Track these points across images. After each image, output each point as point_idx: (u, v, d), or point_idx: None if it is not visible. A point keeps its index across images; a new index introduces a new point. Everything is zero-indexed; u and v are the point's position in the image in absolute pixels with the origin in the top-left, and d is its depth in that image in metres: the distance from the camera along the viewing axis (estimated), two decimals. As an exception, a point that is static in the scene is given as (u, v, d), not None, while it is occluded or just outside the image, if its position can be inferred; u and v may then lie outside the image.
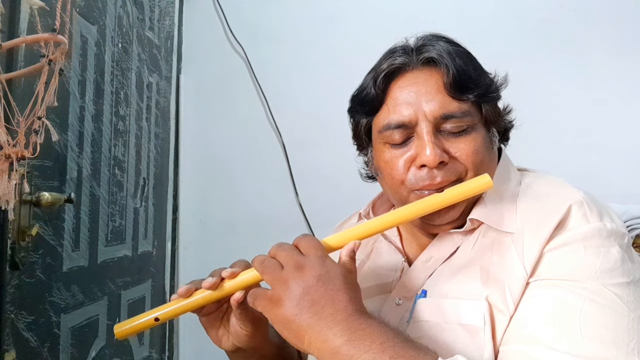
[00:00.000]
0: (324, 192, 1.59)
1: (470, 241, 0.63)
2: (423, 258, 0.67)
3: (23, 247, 0.87)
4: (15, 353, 0.85)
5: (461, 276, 0.61)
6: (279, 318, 0.52)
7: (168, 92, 1.67)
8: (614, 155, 1.47)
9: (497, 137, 0.69)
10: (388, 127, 0.64)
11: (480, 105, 0.65)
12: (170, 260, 1.66)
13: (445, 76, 0.62)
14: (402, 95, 0.64)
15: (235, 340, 0.64)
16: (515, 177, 0.67)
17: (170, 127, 1.69)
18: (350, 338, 0.49)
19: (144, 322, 0.60)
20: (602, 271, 0.53)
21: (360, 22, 1.65)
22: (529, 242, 0.58)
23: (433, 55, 0.63)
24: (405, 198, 0.64)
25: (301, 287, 0.52)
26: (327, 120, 1.61)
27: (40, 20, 0.81)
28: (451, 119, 0.62)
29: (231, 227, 1.67)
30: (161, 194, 1.61)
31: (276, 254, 0.56)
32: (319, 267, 0.53)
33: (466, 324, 0.56)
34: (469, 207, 0.64)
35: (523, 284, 0.56)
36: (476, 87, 0.63)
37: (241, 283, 0.59)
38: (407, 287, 0.66)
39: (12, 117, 0.72)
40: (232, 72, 1.72)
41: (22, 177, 0.81)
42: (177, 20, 1.74)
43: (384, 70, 0.65)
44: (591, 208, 0.58)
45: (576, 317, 0.51)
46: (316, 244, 0.56)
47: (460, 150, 0.62)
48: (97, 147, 1.16)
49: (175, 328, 1.67)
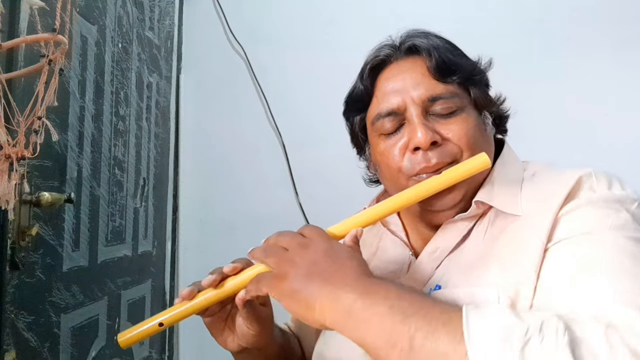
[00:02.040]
0: (324, 192, 1.59)
1: (480, 231, 0.63)
2: (429, 249, 0.66)
3: (23, 247, 0.87)
4: (15, 353, 0.85)
5: (478, 266, 0.60)
6: (286, 291, 0.51)
7: (168, 92, 1.67)
8: (614, 155, 1.46)
9: (490, 121, 0.69)
10: (379, 116, 0.66)
11: (468, 89, 0.66)
12: (170, 260, 1.66)
13: (429, 61, 0.64)
14: (389, 85, 0.66)
15: (241, 340, 0.64)
16: (518, 165, 0.68)
17: (170, 127, 1.69)
18: (363, 292, 0.47)
19: (148, 329, 0.59)
20: (616, 226, 0.53)
21: (360, 23, 1.65)
22: (539, 215, 0.58)
23: (415, 43, 0.66)
24: (405, 186, 0.64)
25: (308, 260, 0.51)
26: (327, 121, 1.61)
27: (40, 20, 0.81)
28: (439, 100, 0.63)
29: (231, 227, 1.67)
30: (161, 194, 1.61)
31: (277, 240, 0.56)
32: (324, 243, 0.53)
33: None
34: (470, 192, 0.64)
35: (541, 253, 0.55)
36: (459, 70, 0.65)
37: (245, 280, 0.58)
38: (415, 279, 0.65)
39: (12, 117, 0.72)
40: (232, 72, 1.72)
41: (22, 177, 0.80)
42: (177, 20, 1.74)
43: (368, 64, 0.68)
44: (599, 179, 0.59)
45: (599, 263, 0.50)
46: (319, 230, 0.57)
47: (452, 131, 0.63)
48: (97, 147, 1.16)
49: (175, 328, 1.67)
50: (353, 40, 1.63)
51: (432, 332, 0.43)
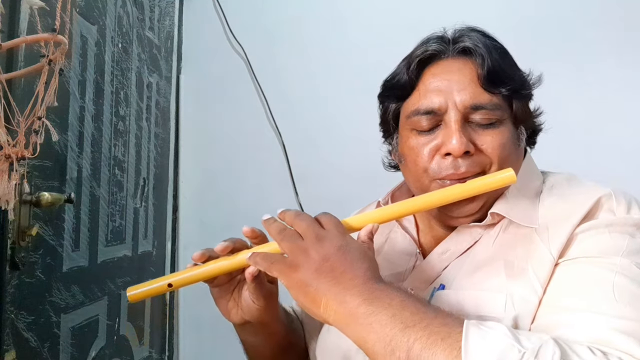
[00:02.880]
0: (324, 192, 1.59)
1: (491, 236, 0.63)
2: (439, 250, 0.66)
3: (23, 247, 0.87)
4: (15, 353, 0.85)
5: (483, 270, 0.60)
6: (295, 282, 0.52)
7: (168, 92, 1.67)
8: (614, 155, 1.47)
9: (525, 136, 0.68)
10: (417, 112, 0.64)
11: (512, 101, 0.64)
12: (170, 260, 1.66)
13: (480, 67, 0.62)
14: (435, 83, 0.64)
15: (245, 314, 0.64)
16: (538, 177, 0.67)
17: (170, 127, 1.69)
18: (368, 297, 0.48)
19: (157, 287, 0.60)
20: (630, 252, 0.53)
21: (360, 23, 1.65)
22: (555, 231, 0.57)
23: (469, 45, 0.63)
24: (427, 187, 0.64)
25: (321, 255, 0.51)
26: (327, 120, 1.62)
27: (40, 20, 0.81)
28: (481, 110, 0.61)
29: (231, 227, 1.65)
30: (161, 194, 1.61)
31: (295, 224, 0.56)
32: (339, 239, 0.53)
33: (486, 315, 0.55)
34: (489, 201, 0.63)
35: (551, 267, 0.55)
36: (509, 82, 0.63)
37: None
38: (420, 278, 0.65)
39: (12, 117, 0.72)
40: (232, 72, 1.72)
41: (22, 177, 0.80)
42: (177, 20, 1.74)
43: (418, 56, 0.65)
44: (619, 200, 0.58)
45: (609, 286, 0.50)
46: (336, 221, 0.57)
47: (486, 143, 0.61)
48: (97, 147, 1.16)
49: (176, 328, 1.66)
50: (353, 39, 1.63)
51: (431, 344, 0.43)
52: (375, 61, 0.71)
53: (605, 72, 1.51)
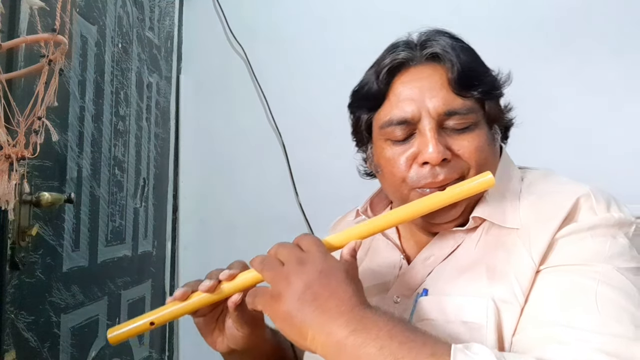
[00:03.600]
0: (324, 192, 1.59)
1: (473, 239, 0.63)
2: (423, 256, 0.66)
3: (23, 247, 0.87)
4: (15, 353, 0.85)
5: (466, 275, 0.60)
6: (280, 314, 0.50)
7: (168, 92, 1.67)
8: (614, 156, 1.47)
9: (499, 135, 0.68)
10: (390, 123, 0.63)
11: (484, 102, 0.64)
12: (170, 260, 1.66)
13: (450, 72, 0.61)
14: (405, 91, 0.63)
15: (230, 342, 0.63)
16: (516, 175, 0.67)
17: (170, 127, 1.69)
18: (356, 328, 0.47)
19: (139, 326, 0.58)
20: (612, 256, 0.53)
21: (360, 23, 1.65)
22: (535, 234, 0.57)
23: (437, 51, 0.63)
24: (406, 196, 0.64)
25: (303, 281, 0.50)
26: (327, 120, 1.61)
27: (40, 20, 0.81)
28: (455, 115, 0.61)
29: (231, 227, 1.67)
30: (161, 194, 1.61)
31: (277, 252, 0.55)
32: (321, 262, 0.52)
33: (469, 321, 0.55)
34: (470, 205, 0.63)
35: (532, 274, 0.55)
36: (480, 84, 0.62)
37: (239, 285, 0.58)
38: (406, 285, 0.65)
39: (12, 117, 0.72)
40: (232, 72, 1.72)
41: (22, 177, 0.80)
42: (177, 20, 1.74)
43: (387, 65, 0.64)
44: (598, 200, 0.58)
45: (592, 298, 0.50)
46: (317, 241, 0.55)
47: (463, 148, 0.61)
48: (97, 147, 1.16)
49: (175, 328, 1.67)
50: (353, 39, 1.63)
51: None
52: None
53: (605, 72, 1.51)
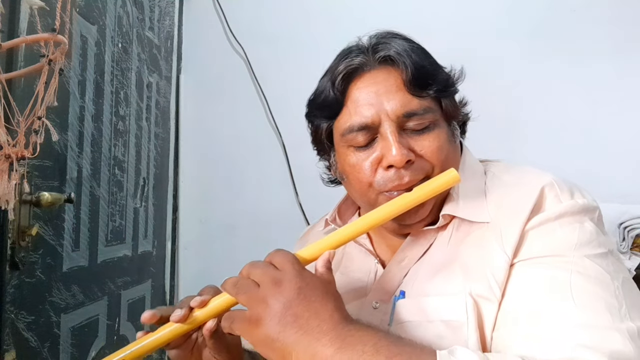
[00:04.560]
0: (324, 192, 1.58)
1: (445, 237, 0.63)
2: (397, 258, 0.66)
3: (23, 247, 0.87)
4: (15, 353, 0.85)
5: (441, 274, 0.60)
6: (260, 338, 0.49)
7: (168, 92, 1.67)
8: (614, 155, 1.47)
9: (458, 131, 0.69)
10: (351, 129, 0.63)
11: (440, 101, 0.65)
12: (170, 260, 1.66)
13: (404, 74, 0.62)
14: (362, 96, 0.63)
15: None
16: (479, 169, 0.68)
17: (170, 127, 1.69)
18: (340, 346, 0.46)
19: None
20: (581, 244, 0.55)
21: (361, 23, 1.65)
22: (506, 228, 0.58)
23: (390, 54, 0.63)
24: (374, 200, 0.63)
25: (281, 303, 0.49)
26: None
27: (40, 20, 0.81)
28: (413, 116, 0.61)
29: (231, 227, 1.67)
30: (161, 194, 1.61)
31: (250, 273, 0.53)
32: (298, 279, 0.50)
33: (449, 319, 0.56)
34: (438, 203, 0.64)
35: (506, 267, 0.56)
36: (435, 83, 0.63)
37: (213, 310, 0.56)
38: (383, 289, 0.64)
39: (12, 117, 0.72)
40: (232, 72, 1.72)
41: (22, 177, 0.81)
42: (177, 20, 1.74)
43: (341, 72, 0.64)
44: (562, 188, 0.60)
45: (567, 290, 0.51)
46: (291, 257, 0.53)
47: (425, 148, 0.62)
48: (97, 147, 1.16)
49: (175, 328, 1.66)
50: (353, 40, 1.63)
51: None
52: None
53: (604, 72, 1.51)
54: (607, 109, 1.49)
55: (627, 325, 0.48)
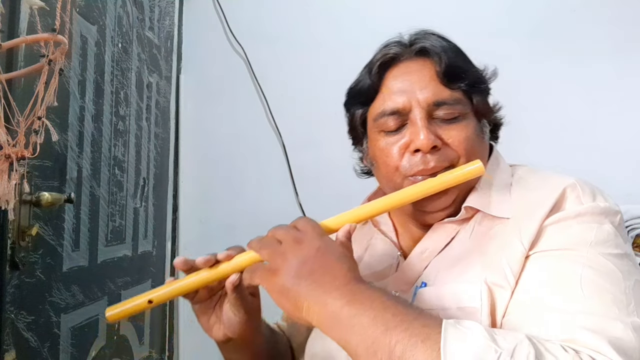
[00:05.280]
0: (324, 192, 1.59)
1: (467, 230, 0.65)
2: (418, 250, 0.67)
3: (23, 247, 0.87)
4: (15, 353, 0.85)
5: (460, 264, 0.62)
6: (277, 287, 0.52)
7: (168, 92, 1.67)
8: (614, 155, 1.47)
9: (488, 129, 0.71)
10: (383, 114, 0.66)
11: (471, 97, 0.67)
12: (170, 260, 1.66)
13: (438, 65, 0.65)
14: (397, 84, 0.66)
15: (226, 329, 0.64)
16: (507, 170, 0.70)
17: (170, 127, 1.69)
18: (350, 300, 0.49)
19: (137, 305, 0.59)
20: (597, 242, 0.56)
21: (360, 23, 1.65)
22: (526, 223, 0.60)
23: (426, 46, 0.66)
24: (400, 185, 0.66)
25: (299, 258, 0.52)
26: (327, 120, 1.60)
27: (40, 20, 0.81)
28: (443, 105, 0.64)
29: (231, 227, 1.67)
30: (161, 194, 1.61)
31: (274, 233, 0.57)
32: (317, 241, 0.54)
33: (464, 306, 0.57)
34: (461, 195, 0.65)
35: (522, 258, 0.57)
36: (466, 77, 0.66)
37: (238, 265, 0.59)
38: (403, 280, 0.66)
39: (12, 117, 0.72)
40: (232, 72, 1.72)
41: (22, 177, 0.81)
42: (177, 20, 1.74)
43: (378, 60, 0.68)
44: (584, 189, 0.61)
45: (576, 280, 0.52)
46: (314, 223, 0.57)
47: (452, 137, 0.64)
48: (97, 147, 1.16)
49: (176, 328, 1.67)
50: (353, 40, 1.63)
51: (412, 346, 0.45)
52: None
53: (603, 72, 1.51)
54: (607, 109, 1.49)
55: (633, 320, 0.49)
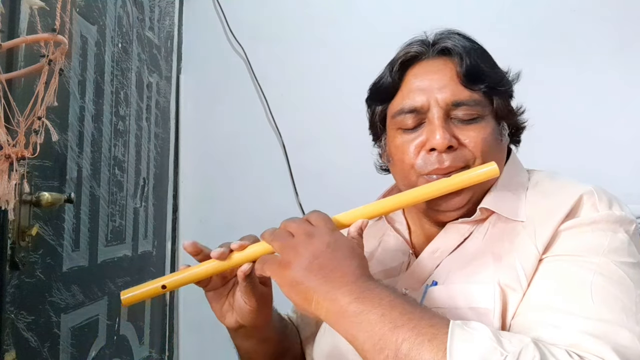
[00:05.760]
0: (324, 192, 1.59)
1: (481, 231, 0.65)
2: (430, 249, 0.67)
3: (23, 247, 0.87)
4: (15, 353, 0.85)
5: (473, 264, 0.62)
6: (287, 280, 0.53)
7: (168, 92, 1.67)
8: (614, 155, 1.47)
9: (507, 132, 0.70)
10: (401, 111, 0.66)
11: (492, 98, 0.67)
12: (170, 260, 1.66)
13: (459, 66, 0.65)
14: (417, 83, 0.66)
15: (238, 316, 0.65)
16: (524, 174, 0.70)
17: (170, 127, 1.69)
18: (358, 296, 0.49)
19: (151, 290, 0.60)
20: (610, 250, 0.56)
21: (360, 23, 1.65)
22: (540, 227, 0.60)
23: (448, 46, 0.66)
24: (414, 183, 0.66)
25: (310, 252, 0.52)
26: (327, 120, 1.61)
27: (40, 20, 0.81)
28: (462, 106, 0.64)
29: (231, 227, 1.66)
30: (161, 194, 1.61)
31: (286, 226, 0.57)
32: (329, 236, 0.54)
33: (476, 307, 0.57)
34: (476, 196, 0.65)
35: (535, 262, 0.57)
36: (487, 79, 0.65)
37: (250, 255, 0.60)
38: (413, 278, 0.67)
39: (12, 117, 0.72)
40: (232, 72, 1.72)
41: (22, 177, 0.80)
42: (177, 20, 1.74)
43: (399, 58, 0.68)
44: (601, 197, 0.61)
45: (587, 287, 0.52)
46: (326, 218, 0.58)
47: (469, 138, 0.64)
48: (97, 147, 1.16)
49: (176, 328, 1.67)
50: (353, 40, 1.63)
51: (418, 345, 0.45)
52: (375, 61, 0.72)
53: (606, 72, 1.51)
54: (607, 108, 1.49)
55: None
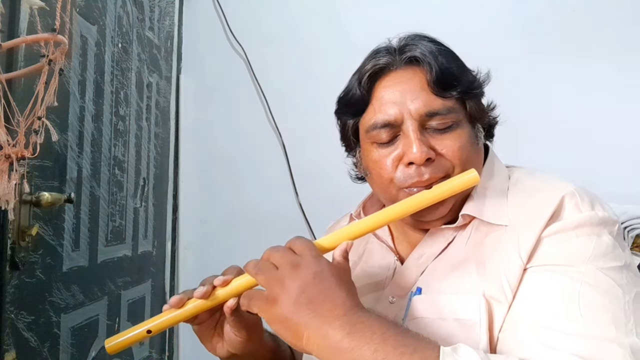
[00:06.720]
0: (324, 192, 1.59)
1: (464, 237, 0.64)
2: (415, 255, 0.67)
3: (23, 247, 0.87)
4: (15, 353, 0.85)
5: (457, 272, 0.61)
6: (276, 317, 0.52)
7: (168, 92, 1.67)
8: (614, 156, 1.47)
9: (483, 133, 0.69)
10: (375, 126, 0.65)
11: (465, 102, 0.65)
12: (170, 260, 1.66)
13: (429, 74, 0.63)
14: (387, 95, 0.65)
15: (230, 347, 0.64)
16: (503, 173, 0.69)
17: (170, 127, 1.69)
18: (350, 331, 0.48)
19: (136, 335, 0.60)
20: (596, 256, 0.55)
21: (360, 23, 1.65)
22: (523, 232, 0.59)
23: (416, 54, 0.64)
24: (395, 196, 0.65)
25: (297, 285, 0.51)
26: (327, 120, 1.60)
27: (40, 20, 0.81)
28: (436, 116, 0.63)
29: (231, 227, 1.67)
30: (161, 194, 1.61)
31: (270, 256, 0.56)
32: (314, 265, 0.53)
33: (462, 318, 0.57)
34: (458, 202, 0.65)
35: (520, 272, 0.56)
36: (459, 84, 0.64)
37: (234, 289, 0.59)
38: (400, 285, 0.66)
39: (12, 117, 0.72)
40: (232, 72, 1.72)
41: (22, 177, 0.81)
42: (177, 20, 1.74)
43: (368, 71, 0.66)
44: (583, 198, 0.60)
45: (574, 300, 0.52)
46: (309, 244, 0.56)
47: (446, 147, 0.63)
48: (97, 147, 1.16)
49: (175, 328, 1.66)
50: (353, 39, 1.63)
51: None
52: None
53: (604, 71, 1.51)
54: (607, 108, 1.49)
55: (631, 340, 0.48)
